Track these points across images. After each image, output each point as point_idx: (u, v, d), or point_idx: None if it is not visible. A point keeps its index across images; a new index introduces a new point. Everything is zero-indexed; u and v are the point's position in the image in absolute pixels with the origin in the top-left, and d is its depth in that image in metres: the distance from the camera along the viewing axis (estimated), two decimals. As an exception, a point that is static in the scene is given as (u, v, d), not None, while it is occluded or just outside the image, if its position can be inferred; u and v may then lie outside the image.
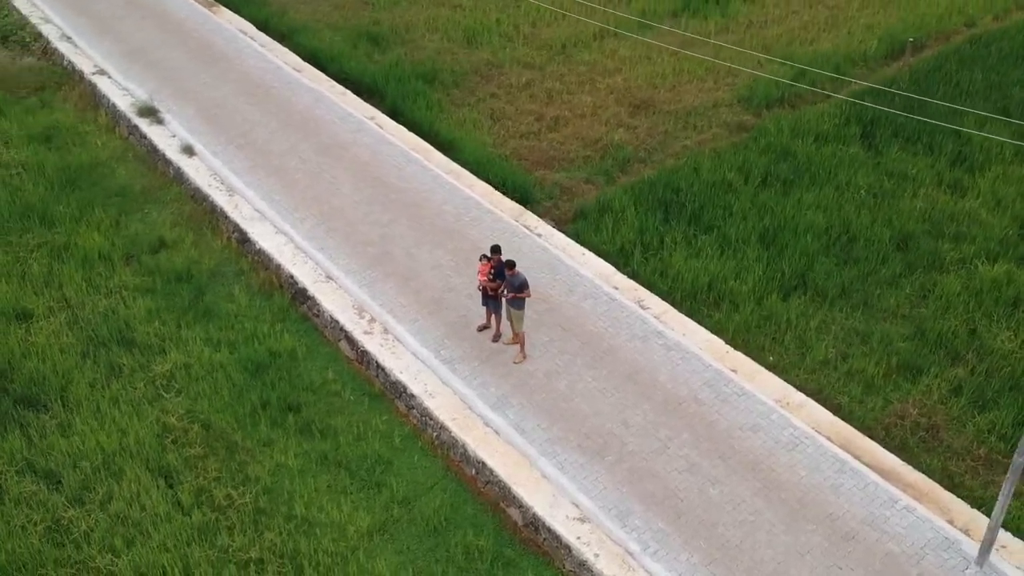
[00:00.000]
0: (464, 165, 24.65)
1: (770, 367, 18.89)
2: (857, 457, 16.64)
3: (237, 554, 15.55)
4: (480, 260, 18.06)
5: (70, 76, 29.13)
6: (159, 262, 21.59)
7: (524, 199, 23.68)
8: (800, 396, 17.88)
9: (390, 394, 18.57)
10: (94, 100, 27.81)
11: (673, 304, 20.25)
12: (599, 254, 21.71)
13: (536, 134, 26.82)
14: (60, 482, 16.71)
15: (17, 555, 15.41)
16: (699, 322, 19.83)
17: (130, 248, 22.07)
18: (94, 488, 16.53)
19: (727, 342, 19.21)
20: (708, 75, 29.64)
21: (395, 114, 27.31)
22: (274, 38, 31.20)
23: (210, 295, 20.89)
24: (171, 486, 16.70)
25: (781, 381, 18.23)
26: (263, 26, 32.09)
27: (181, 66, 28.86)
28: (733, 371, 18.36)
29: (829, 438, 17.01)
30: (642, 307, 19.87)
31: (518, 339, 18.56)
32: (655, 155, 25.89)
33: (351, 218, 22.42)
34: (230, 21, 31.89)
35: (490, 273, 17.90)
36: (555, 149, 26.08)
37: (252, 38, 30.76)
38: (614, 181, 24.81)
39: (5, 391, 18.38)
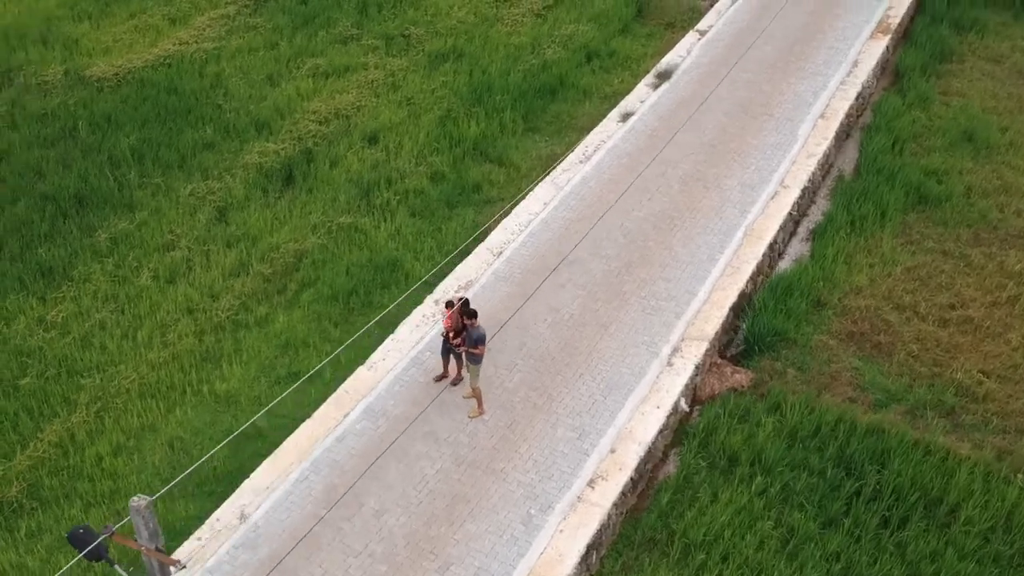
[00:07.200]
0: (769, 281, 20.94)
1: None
2: None
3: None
4: (446, 306, 16.96)
5: (694, 22, 30.89)
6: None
7: (734, 344, 19.60)
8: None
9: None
10: (669, 47, 29.53)
11: (638, 524, 15.92)
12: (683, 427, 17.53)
13: (905, 317, 20.38)
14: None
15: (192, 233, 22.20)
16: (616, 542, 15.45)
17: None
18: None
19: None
20: None
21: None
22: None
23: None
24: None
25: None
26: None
27: (768, 54, 28.40)
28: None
29: None
30: (590, 484, 16.07)
31: (475, 394, 17.29)
32: (982, 433, 17.88)
33: (611, 220, 21.71)
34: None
35: (455, 320, 16.82)
36: (888, 336, 19.80)
37: (857, 54, 28.25)
38: (882, 408, 18.30)
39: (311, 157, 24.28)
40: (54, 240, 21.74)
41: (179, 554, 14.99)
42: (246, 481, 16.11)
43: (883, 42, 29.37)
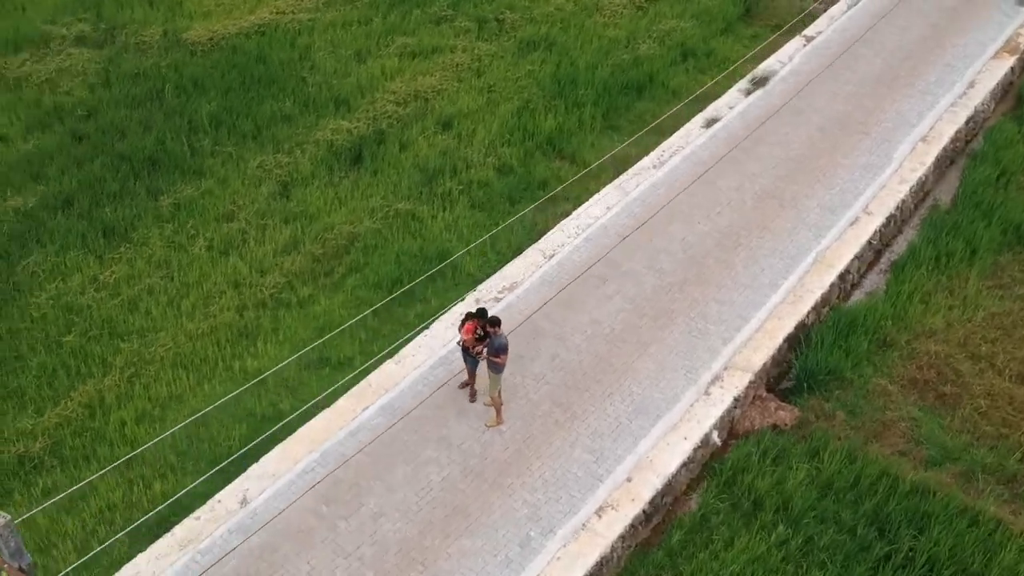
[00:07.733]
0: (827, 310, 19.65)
1: None
2: None
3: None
4: (465, 319, 16.38)
5: (803, 26, 29.24)
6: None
7: (787, 378, 18.43)
8: None
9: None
10: (771, 52, 28.04)
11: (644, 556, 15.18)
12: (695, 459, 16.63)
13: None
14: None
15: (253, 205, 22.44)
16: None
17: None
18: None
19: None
20: None
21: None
22: None
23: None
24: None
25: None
26: None
27: (876, 68, 26.66)
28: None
29: None
30: (598, 512, 15.37)
31: (494, 403, 16.80)
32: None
33: (673, 232, 20.82)
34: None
35: (476, 333, 16.26)
36: (955, 387, 18.32)
37: (975, 74, 26.12)
38: (934, 466, 16.94)
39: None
40: (122, 200, 22.18)
41: (176, 532, 15.04)
42: (253, 465, 16.05)
43: (1008, 63, 27.19)
